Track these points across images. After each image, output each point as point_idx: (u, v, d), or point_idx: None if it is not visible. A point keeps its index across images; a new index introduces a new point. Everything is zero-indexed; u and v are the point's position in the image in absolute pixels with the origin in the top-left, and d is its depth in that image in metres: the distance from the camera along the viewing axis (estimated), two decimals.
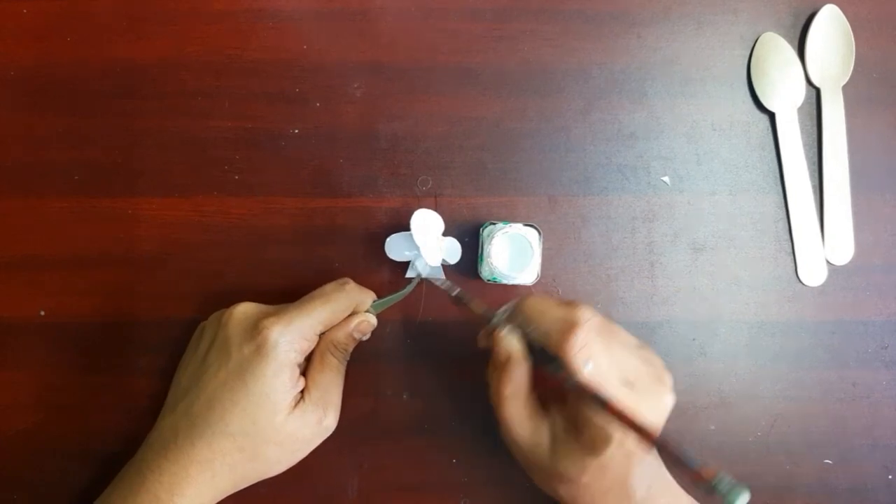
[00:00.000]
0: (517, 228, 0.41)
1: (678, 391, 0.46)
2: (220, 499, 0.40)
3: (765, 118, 0.47)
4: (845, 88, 0.47)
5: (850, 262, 0.47)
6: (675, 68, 0.47)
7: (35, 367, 0.46)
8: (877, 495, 0.46)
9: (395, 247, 0.45)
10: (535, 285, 0.46)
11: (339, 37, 0.47)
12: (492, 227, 0.43)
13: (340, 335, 0.42)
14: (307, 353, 0.41)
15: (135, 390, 0.45)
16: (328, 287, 0.42)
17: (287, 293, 0.46)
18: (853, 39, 0.47)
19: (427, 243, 0.43)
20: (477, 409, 0.46)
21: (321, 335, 0.41)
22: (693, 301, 0.47)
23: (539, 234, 0.44)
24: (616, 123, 0.47)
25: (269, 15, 0.47)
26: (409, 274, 0.46)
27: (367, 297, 0.43)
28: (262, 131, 0.47)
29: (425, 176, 0.47)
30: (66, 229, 0.46)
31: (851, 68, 0.47)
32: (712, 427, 0.46)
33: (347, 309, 0.42)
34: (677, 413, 0.46)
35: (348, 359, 0.43)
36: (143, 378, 0.45)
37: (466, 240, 0.47)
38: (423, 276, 0.46)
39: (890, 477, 0.46)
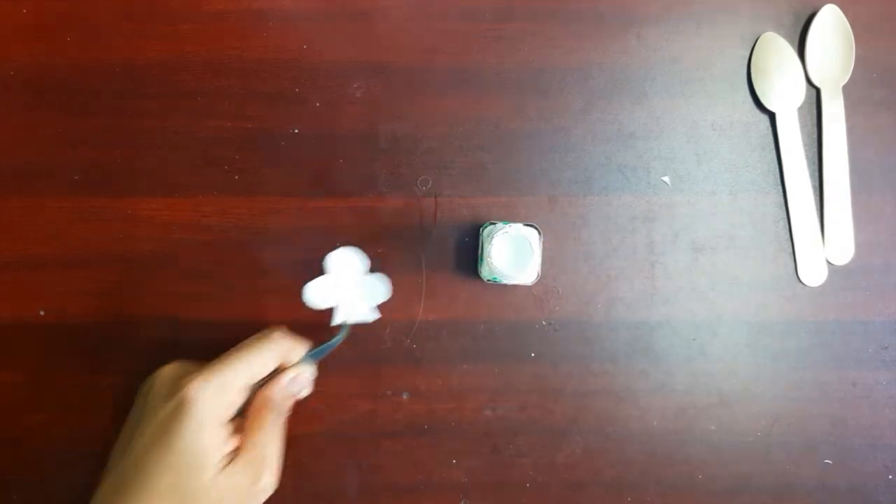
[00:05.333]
0: (517, 228, 0.41)
1: (678, 391, 0.46)
2: None
3: (765, 118, 0.47)
4: (845, 88, 0.47)
5: (850, 262, 0.47)
6: (675, 68, 0.47)
7: (35, 367, 0.46)
8: (877, 495, 0.46)
9: (315, 294, 0.43)
10: (535, 285, 0.46)
11: (339, 37, 0.47)
12: (492, 227, 0.43)
13: (274, 391, 0.40)
14: (235, 408, 0.39)
15: (135, 390, 0.45)
16: (252, 338, 0.40)
17: (287, 293, 0.46)
18: (853, 39, 0.47)
19: (350, 285, 0.42)
20: (477, 409, 0.46)
21: (257, 389, 0.40)
22: (693, 301, 0.47)
23: (539, 234, 0.44)
24: (616, 123, 0.47)
25: (269, 15, 0.47)
26: (336, 321, 0.44)
27: (297, 347, 0.41)
28: (262, 131, 0.47)
29: (425, 176, 0.47)
30: (65, 229, 0.46)
31: (851, 68, 0.47)
32: (712, 427, 0.46)
33: (273, 359, 0.40)
34: (677, 413, 0.46)
35: (287, 414, 0.41)
36: (142, 378, 0.45)
37: (467, 240, 0.47)
38: (353, 321, 0.44)
39: (890, 477, 0.46)
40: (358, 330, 0.46)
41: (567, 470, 0.46)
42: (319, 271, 0.46)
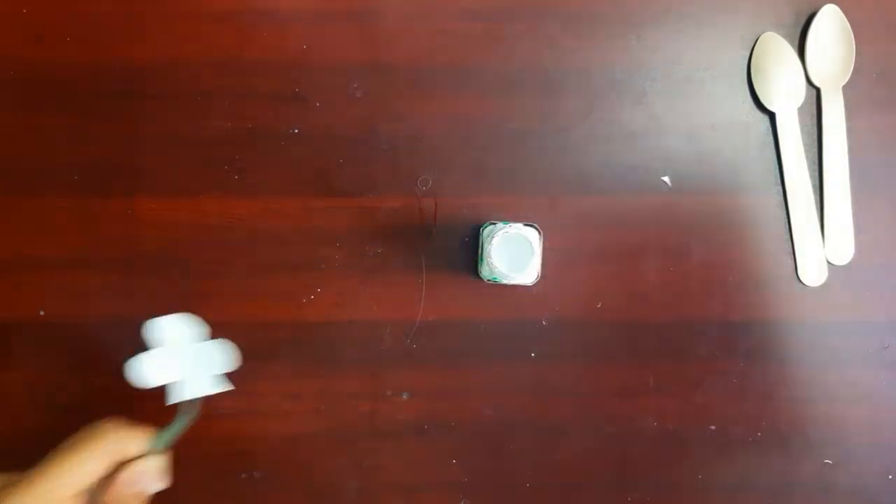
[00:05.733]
0: (517, 228, 0.41)
1: (678, 391, 0.46)
2: None
3: (765, 118, 0.47)
4: (845, 88, 0.47)
5: (850, 262, 0.47)
6: (675, 68, 0.47)
7: (35, 367, 0.46)
8: (877, 495, 0.46)
9: (141, 371, 0.37)
10: (535, 285, 0.46)
11: (339, 37, 0.47)
12: (492, 227, 0.43)
13: (107, 499, 0.35)
14: None
15: (134, 391, 0.45)
16: (77, 436, 0.35)
17: (287, 294, 0.46)
18: (853, 39, 0.47)
19: (183, 357, 0.37)
20: (477, 409, 0.46)
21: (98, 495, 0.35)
22: (693, 301, 0.47)
23: (539, 234, 0.44)
24: (616, 123, 0.47)
25: (269, 15, 0.47)
26: (172, 400, 0.38)
27: (135, 438, 0.36)
28: (262, 131, 0.47)
29: (425, 176, 0.47)
30: (66, 229, 0.46)
31: (851, 68, 0.47)
32: (713, 427, 0.46)
33: (104, 458, 0.35)
34: (678, 414, 0.46)
35: None
36: None
37: (466, 240, 0.47)
38: (193, 397, 0.38)
39: (890, 477, 0.46)
40: (359, 330, 0.46)
41: (567, 470, 0.46)
42: (320, 270, 0.46)
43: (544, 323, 0.47)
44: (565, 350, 0.46)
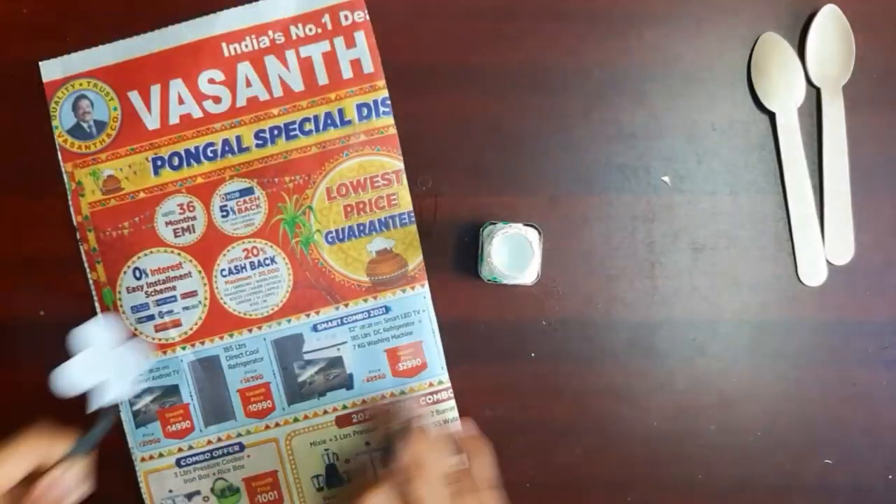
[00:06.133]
0: (517, 228, 0.41)
1: (678, 391, 0.46)
2: None
3: (765, 118, 0.47)
4: (845, 88, 0.47)
5: (850, 262, 0.47)
6: (675, 68, 0.47)
7: (35, 367, 0.46)
8: (877, 495, 0.46)
9: (63, 381, 0.38)
10: (535, 285, 0.46)
11: None
12: (492, 227, 0.43)
13: (41, 496, 0.33)
14: None
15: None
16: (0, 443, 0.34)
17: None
18: (853, 39, 0.47)
19: (100, 363, 0.38)
20: (477, 409, 0.46)
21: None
22: (693, 301, 0.47)
23: (539, 234, 0.44)
24: (616, 123, 0.47)
25: None
26: (97, 404, 0.39)
27: (56, 445, 0.35)
28: None
29: (425, 176, 0.47)
30: (66, 229, 0.46)
31: (851, 68, 0.47)
32: (712, 427, 0.46)
33: (23, 464, 0.33)
34: (677, 413, 0.46)
35: None
36: None
37: (466, 240, 0.47)
38: (110, 402, 0.39)
39: (890, 477, 0.46)
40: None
41: (567, 470, 0.46)
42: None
43: (544, 323, 0.47)
44: (565, 350, 0.46)
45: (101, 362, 0.39)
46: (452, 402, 0.46)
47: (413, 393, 0.46)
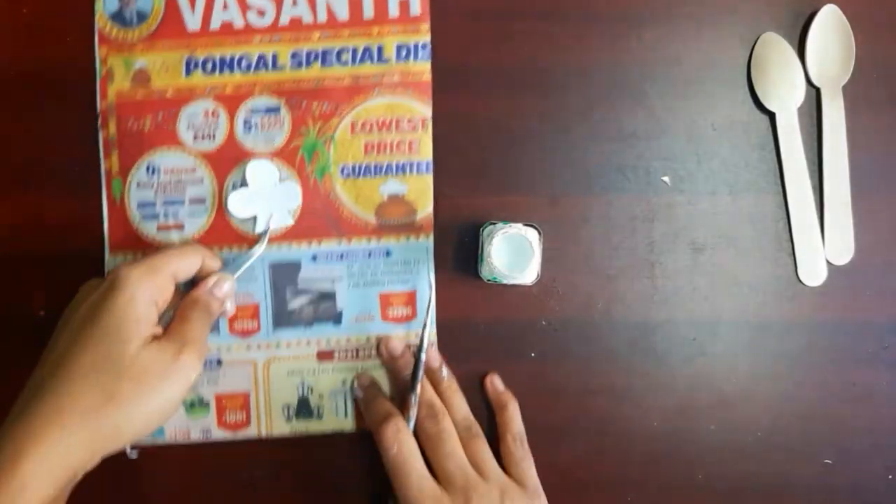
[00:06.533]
0: (517, 228, 0.41)
1: (678, 391, 0.46)
2: (77, 466, 0.35)
3: (765, 118, 0.47)
4: (845, 88, 0.47)
5: (850, 262, 0.47)
6: (675, 68, 0.47)
7: (35, 367, 0.46)
8: (877, 495, 0.46)
9: (236, 205, 0.45)
10: (535, 285, 0.46)
11: None
12: (492, 227, 0.43)
13: (200, 291, 0.41)
14: (163, 294, 0.39)
15: None
16: (169, 246, 0.42)
17: None
18: (853, 39, 0.47)
19: (266, 193, 0.45)
20: (477, 409, 0.46)
21: (183, 293, 0.41)
22: (693, 301, 0.47)
23: (539, 234, 0.44)
24: (616, 123, 0.47)
25: None
26: (259, 229, 0.45)
27: (215, 256, 0.43)
28: None
29: None
30: (66, 228, 0.46)
31: (851, 68, 0.47)
32: (712, 427, 0.46)
33: (195, 259, 0.41)
34: (677, 413, 0.46)
35: (212, 321, 0.42)
36: None
37: (466, 240, 0.47)
38: (273, 227, 0.45)
39: (890, 477, 0.46)
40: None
41: (567, 470, 0.46)
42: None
43: (544, 323, 0.47)
44: (565, 350, 0.46)
45: (265, 193, 0.45)
46: (436, 354, 0.46)
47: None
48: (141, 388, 0.36)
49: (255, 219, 0.45)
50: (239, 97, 0.46)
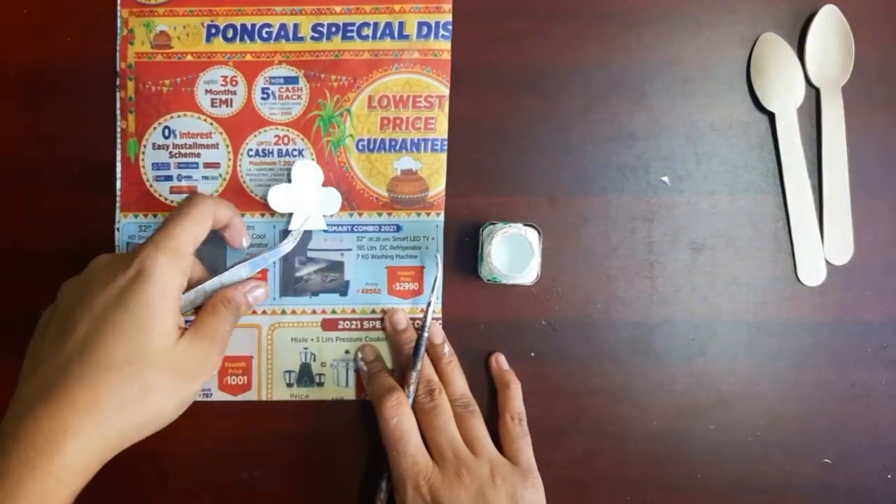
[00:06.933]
0: (517, 228, 0.41)
1: (678, 391, 0.46)
2: (109, 455, 0.35)
3: (765, 118, 0.47)
4: (845, 88, 0.47)
5: (850, 262, 0.47)
6: (675, 68, 0.47)
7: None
8: (877, 495, 0.46)
9: (277, 198, 0.45)
10: (535, 285, 0.46)
11: None
12: (492, 227, 0.43)
13: (234, 293, 0.41)
14: (188, 276, 0.39)
15: None
16: (182, 205, 0.39)
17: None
18: (853, 39, 0.47)
19: (307, 193, 0.45)
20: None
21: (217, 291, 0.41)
22: (693, 301, 0.47)
23: (539, 234, 0.44)
24: (616, 123, 0.47)
25: None
26: (292, 226, 0.46)
27: (222, 203, 0.42)
28: None
29: None
30: (67, 227, 0.46)
31: (851, 68, 0.47)
32: (712, 427, 0.46)
33: (209, 218, 0.40)
34: (677, 413, 0.46)
35: (237, 321, 0.42)
36: None
37: (466, 240, 0.47)
38: (307, 228, 0.46)
39: (890, 477, 0.46)
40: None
41: (567, 470, 0.46)
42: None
43: (544, 323, 0.47)
44: (565, 350, 0.46)
45: (307, 193, 0.45)
46: (439, 331, 0.46)
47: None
48: (175, 382, 0.37)
49: (290, 215, 0.46)
50: (258, 65, 0.46)
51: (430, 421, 0.42)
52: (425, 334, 0.44)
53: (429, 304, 0.44)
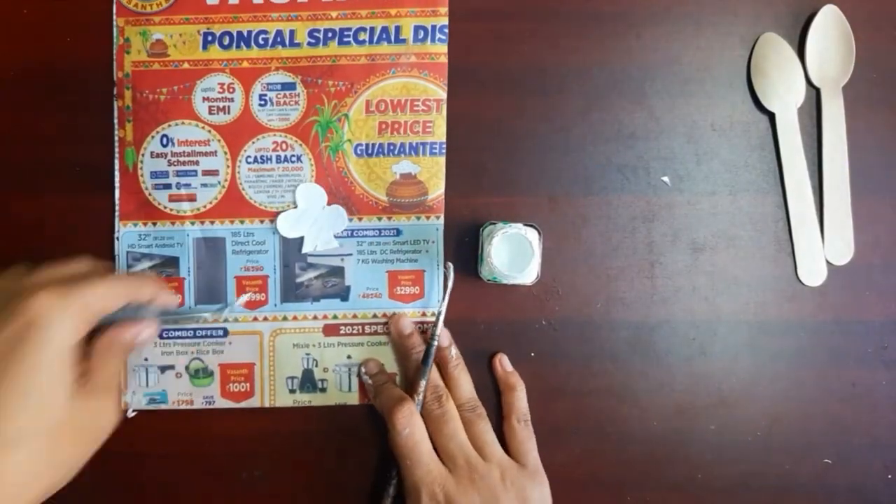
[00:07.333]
0: (517, 228, 0.41)
1: (678, 391, 0.46)
2: None
3: (765, 118, 0.47)
4: (845, 88, 0.47)
5: (850, 262, 0.47)
6: (675, 68, 0.47)
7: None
8: (877, 495, 0.46)
9: (285, 225, 0.46)
10: (535, 285, 0.46)
11: None
12: (492, 227, 0.43)
13: (122, 337, 0.38)
14: (84, 335, 0.36)
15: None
16: (109, 272, 0.38)
17: None
18: (853, 39, 0.47)
19: (314, 216, 0.45)
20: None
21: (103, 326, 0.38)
22: (693, 301, 0.47)
23: (539, 234, 0.44)
24: (616, 123, 0.47)
25: None
26: (306, 249, 0.46)
27: (146, 285, 0.40)
28: None
29: None
30: (67, 227, 0.46)
31: (851, 68, 0.47)
32: (712, 427, 0.46)
33: (126, 295, 0.38)
34: (677, 412, 0.46)
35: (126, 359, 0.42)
36: None
37: (466, 240, 0.47)
38: (320, 250, 0.46)
39: (890, 477, 0.46)
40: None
41: (567, 470, 0.46)
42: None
43: (544, 323, 0.47)
44: (565, 350, 0.46)
45: (313, 216, 0.45)
46: (446, 334, 0.46)
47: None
48: (82, 446, 0.37)
49: (302, 239, 0.46)
50: (255, 72, 0.46)
51: (439, 427, 0.42)
52: (435, 343, 0.43)
53: (439, 314, 0.44)
